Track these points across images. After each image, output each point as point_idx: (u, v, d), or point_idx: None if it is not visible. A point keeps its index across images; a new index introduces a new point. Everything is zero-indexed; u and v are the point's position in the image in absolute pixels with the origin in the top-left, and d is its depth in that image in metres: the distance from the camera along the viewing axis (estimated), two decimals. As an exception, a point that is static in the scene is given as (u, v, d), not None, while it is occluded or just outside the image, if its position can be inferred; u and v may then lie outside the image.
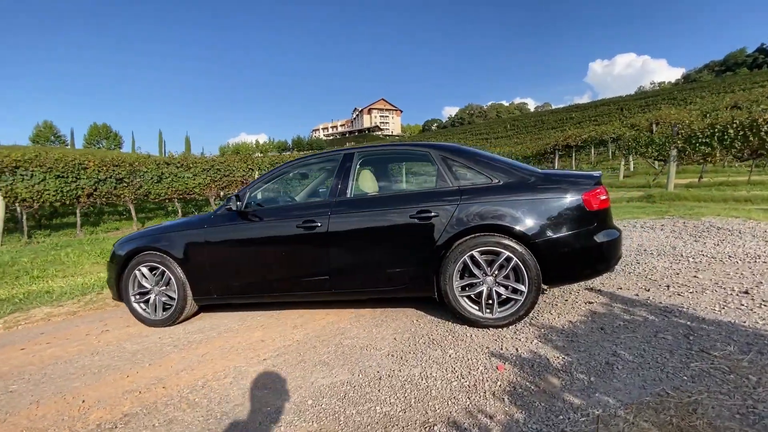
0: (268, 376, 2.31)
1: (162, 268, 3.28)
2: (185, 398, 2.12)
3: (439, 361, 2.35)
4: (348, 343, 2.70)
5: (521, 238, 2.63)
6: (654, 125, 18.19)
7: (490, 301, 2.73)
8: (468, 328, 2.80)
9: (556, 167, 21.28)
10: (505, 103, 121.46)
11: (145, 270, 3.33)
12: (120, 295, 3.43)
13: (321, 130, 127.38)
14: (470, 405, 1.89)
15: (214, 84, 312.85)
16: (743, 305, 2.79)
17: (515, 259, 2.64)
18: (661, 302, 2.98)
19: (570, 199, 2.66)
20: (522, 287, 2.67)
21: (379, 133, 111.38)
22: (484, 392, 1.99)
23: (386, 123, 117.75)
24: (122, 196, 9.84)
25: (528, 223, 2.64)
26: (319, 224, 2.93)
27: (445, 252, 2.75)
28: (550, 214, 2.66)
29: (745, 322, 2.53)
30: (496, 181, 2.81)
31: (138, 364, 2.61)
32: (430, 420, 1.80)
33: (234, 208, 3.07)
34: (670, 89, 55.81)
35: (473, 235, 2.71)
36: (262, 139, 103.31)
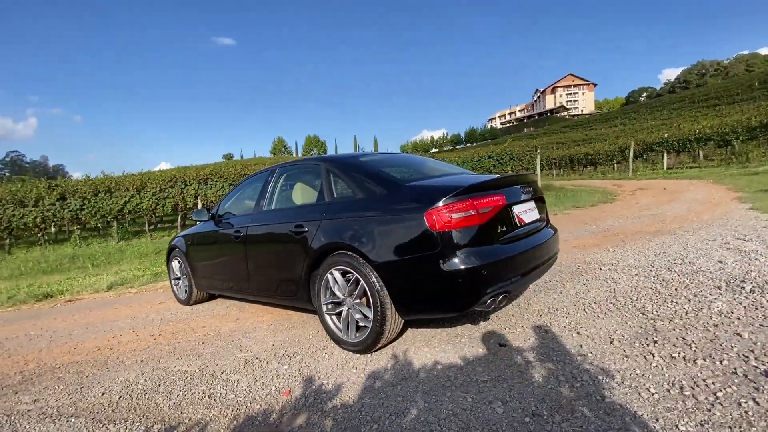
0: (155, 356, 2.91)
1: (181, 261, 4.37)
2: (67, 368, 2.95)
3: (263, 374, 2.44)
4: (242, 342, 3.04)
5: (367, 259, 2.36)
6: None
7: (348, 322, 2.56)
8: (339, 349, 2.69)
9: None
10: (764, 52, 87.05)
11: (175, 263, 4.51)
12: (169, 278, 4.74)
13: (498, 118, 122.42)
14: (199, 417, 1.99)
15: (397, 86, 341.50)
16: (714, 396, 1.69)
17: (362, 281, 2.40)
18: (591, 364, 2.10)
19: (412, 216, 2.20)
20: (368, 313, 2.40)
21: (565, 113, 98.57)
22: (235, 410, 2.03)
23: (574, 101, 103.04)
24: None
25: (371, 244, 2.34)
26: (242, 233, 3.35)
27: (314, 268, 2.73)
28: (392, 233, 2.28)
29: (656, 420, 1.58)
30: (359, 195, 2.57)
31: (116, 331, 3.66)
32: (169, 419, 2.02)
33: (195, 219, 3.83)
34: None
35: (334, 253, 2.58)
36: (440, 134, 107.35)
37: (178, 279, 4.52)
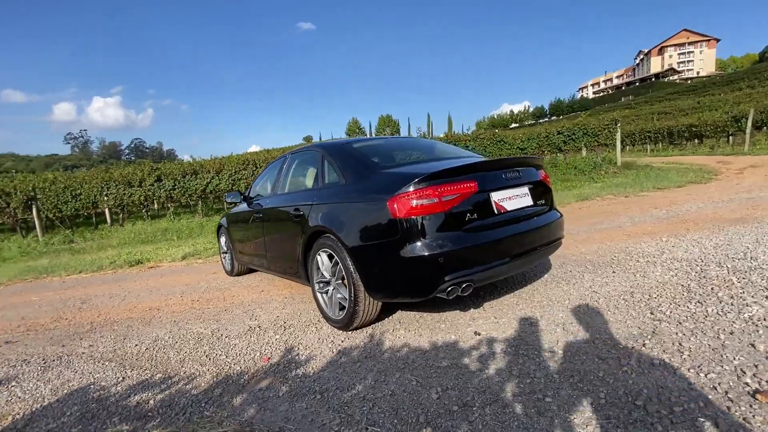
0: (185, 318, 3.40)
1: (226, 237, 4.93)
2: (123, 323, 3.53)
3: (257, 341, 2.73)
4: (255, 312, 3.39)
5: (343, 243, 2.47)
6: None
7: (333, 301, 2.72)
8: (327, 325, 2.87)
9: None
10: None
11: (222, 238, 5.10)
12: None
13: (590, 87, 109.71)
14: (192, 372, 2.33)
15: (474, 58, 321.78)
16: (668, 411, 1.52)
17: (340, 264, 2.52)
18: (555, 362, 2.00)
19: (377, 203, 2.24)
20: (345, 294, 2.52)
21: (675, 77, 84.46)
22: (219, 369, 2.34)
23: (688, 62, 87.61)
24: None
25: (346, 229, 2.44)
26: (261, 214, 3.67)
27: (309, 249, 2.91)
28: (362, 219, 2.35)
29: (586, 426, 1.48)
30: (342, 181, 2.65)
31: (170, 295, 4.30)
32: (171, 370, 2.40)
33: (228, 201, 4.26)
34: None
35: (321, 236, 2.74)
36: (521, 107, 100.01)
37: (225, 253, 5.11)
